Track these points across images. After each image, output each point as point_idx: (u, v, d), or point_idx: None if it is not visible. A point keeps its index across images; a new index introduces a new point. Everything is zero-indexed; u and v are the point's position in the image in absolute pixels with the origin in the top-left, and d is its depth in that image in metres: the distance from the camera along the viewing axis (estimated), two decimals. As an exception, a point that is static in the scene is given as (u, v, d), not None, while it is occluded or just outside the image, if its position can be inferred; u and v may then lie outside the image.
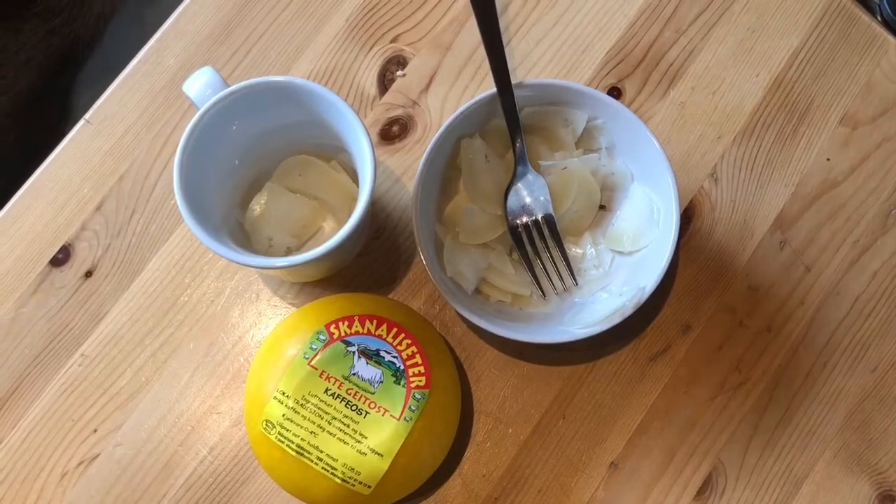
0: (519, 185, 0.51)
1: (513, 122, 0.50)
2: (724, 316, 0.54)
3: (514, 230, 0.51)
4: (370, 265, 0.54)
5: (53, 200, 0.55)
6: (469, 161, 0.51)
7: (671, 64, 0.58)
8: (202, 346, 0.53)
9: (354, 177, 0.53)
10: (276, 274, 0.53)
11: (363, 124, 0.45)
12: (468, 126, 0.51)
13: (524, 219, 0.51)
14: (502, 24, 0.58)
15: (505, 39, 0.57)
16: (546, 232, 0.51)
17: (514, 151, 0.50)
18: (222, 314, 0.54)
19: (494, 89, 0.50)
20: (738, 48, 0.58)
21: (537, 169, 0.51)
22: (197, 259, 0.54)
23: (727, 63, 0.58)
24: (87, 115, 0.56)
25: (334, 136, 0.48)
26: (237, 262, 0.43)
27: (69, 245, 0.55)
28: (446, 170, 0.52)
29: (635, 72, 0.58)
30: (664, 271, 0.47)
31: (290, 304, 0.54)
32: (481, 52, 0.58)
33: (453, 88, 0.57)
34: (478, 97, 0.49)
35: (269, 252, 0.52)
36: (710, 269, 0.55)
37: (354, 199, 0.52)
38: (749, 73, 0.58)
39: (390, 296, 0.54)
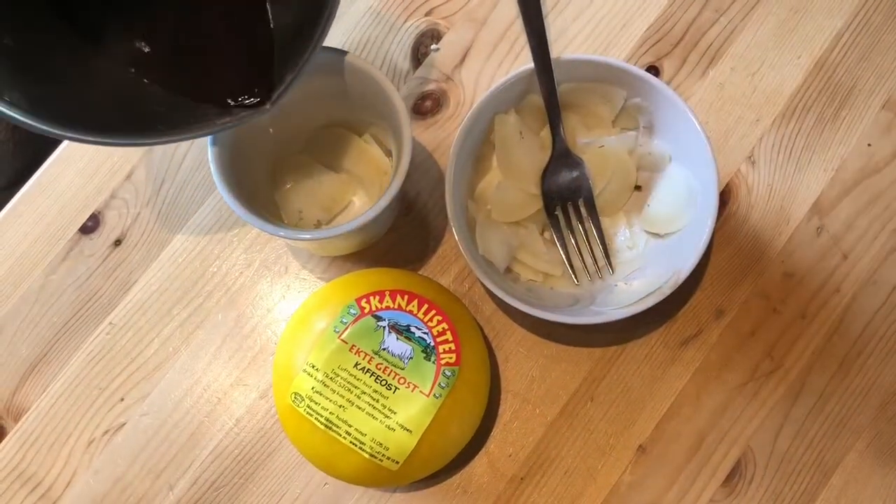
0: (557, 163, 0.50)
1: (551, 99, 0.49)
2: (758, 301, 0.53)
3: (550, 209, 0.51)
4: (400, 241, 0.54)
5: (83, 169, 0.55)
6: (503, 137, 0.50)
7: (710, 44, 0.57)
8: (230, 317, 0.53)
9: (387, 151, 0.52)
10: (305, 247, 0.53)
11: (401, 99, 0.44)
12: (503, 102, 0.50)
13: (561, 198, 0.50)
14: None
15: (546, 9, 0.56)
16: (583, 212, 0.50)
17: (552, 129, 0.50)
18: (251, 286, 0.53)
19: (531, 65, 0.49)
20: (779, 29, 0.57)
21: (573, 147, 0.51)
22: (227, 231, 0.54)
23: (768, 44, 0.56)
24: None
25: (370, 109, 0.48)
26: (268, 233, 0.43)
27: (99, 213, 0.55)
28: (480, 146, 0.51)
29: (674, 51, 0.56)
30: (701, 254, 0.46)
31: (318, 278, 0.54)
32: (517, 27, 0.57)
33: (488, 63, 0.56)
34: (514, 72, 0.49)
35: (298, 225, 0.51)
36: (745, 253, 0.54)
37: (386, 174, 0.52)
38: (790, 54, 0.56)
39: (420, 272, 0.53)
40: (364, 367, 0.44)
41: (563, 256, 0.50)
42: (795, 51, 0.56)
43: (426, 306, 0.46)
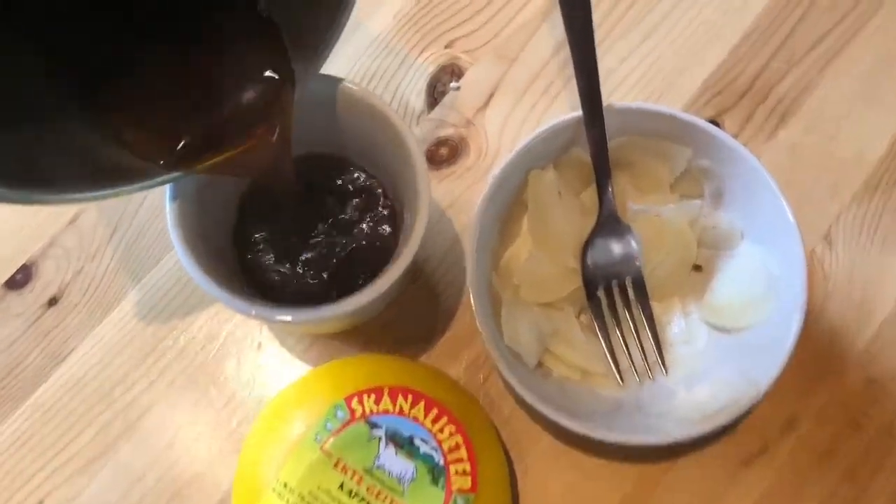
0: (602, 232, 0.41)
1: (600, 154, 0.40)
2: (836, 412, 0.43)
3: (590, 289, 0.41)
4: (402, 316, 0.44)
5: (16, 208, 0.45)
6: (538, 197, 0.41)
7: (781, 99, 0.48)
8: (187, 402, 0.42)
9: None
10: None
11: (418, 147, 0.34)
12: (540, 155, 0.41)
13: (605, 276, 0.41)
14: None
15: (600, 35, 0.47)
16: (631, 295, 0.41)
17: (599, 190, 0.40)
18: (214, 364, 0.43)
19: (575, 113, 0.40)
20: (862, 85, 0.48)
21: (622, 214, 0.41)
22: (188, 294, 0.44)
23: (849, 102, 0.48)
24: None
25: (370, 152, 0.38)
26: (238, 311, 0.33)
27: (32, 264, 0.44)
28: (508, 207, 0.41)
29: (738, 105, 0.47)
30: (787, 360, 0.36)
31: (298, 358, 0.43)
32: (554, 66, 0.48)
33: (517, 107, 0.47)
34: (558, 120, 0.39)
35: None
36: (821, 353, 0.44)
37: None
38: (875, 115, 0.47)
39: (425, 357, 0.43)
40: (352, 490, 0.34)
41: (606, 349, 0.40)
42: (881, 112, 0.47)
43: (435, 411, 0.36)
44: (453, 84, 0.47)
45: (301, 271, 0.39)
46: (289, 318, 0.33)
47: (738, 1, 0.49)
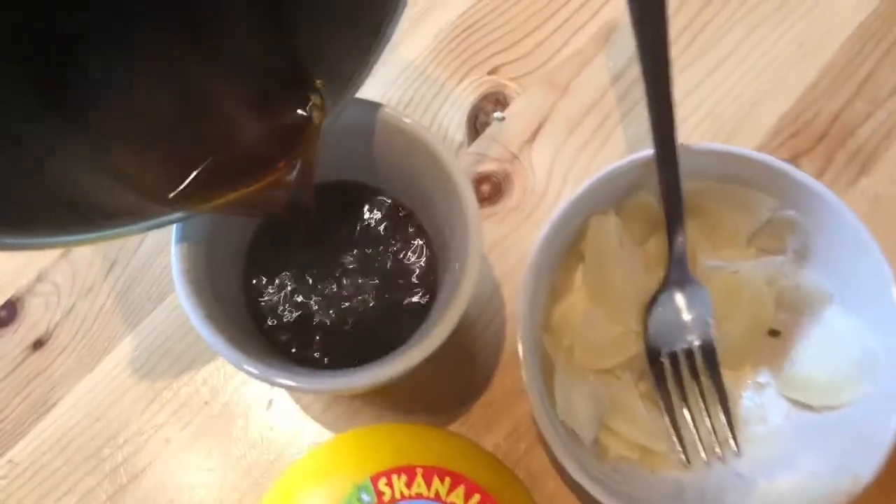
0: (671, 291, 0.35)
1: (673, 200, 0.35)
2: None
3: (653, 354, 0.36)
4: (432, 376, 0.38)
5: None
6: (598, 247, 0.36)
7: (863, 144, 0.42)
8: (186, 466, 0.37)
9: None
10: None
11: (470, 188, 0.29)
12: (602, 198, 0.35)
13: (670, 340, 0.36)
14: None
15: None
16: (699, 363, 0.36)
17: (670, 242, 0.35)
18: (219, 423, 0.38)
19: (644, 151, 0.35)
20: (955, 131, 0.43)
21: (693, 269, 0.36)
22: (192, 341, 0.39)
23: (939, 150, 0.42)
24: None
25: (410, 189, 0.34)
26: (257, 377, 0.28)
27: (17, 300, 0.39)
28: (563, 256, 0.36)
29: (815, 149, 0.42)
30: (889, 451, 0.31)
31: (314, 419, 0.38)
32: (610, 99, 0.43)
33: (568, 143, 0.42)
34: (627, 160, 0.34)
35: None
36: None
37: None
38: (970, 166, 0.42)
39: (459, 424, 0.38)
40: (377, 592, 0.29)
41: (669, 424, 0.35)
42: (976, 162, 0.42)
43: (478, 497, 0.30)
44: (497, 114, 0.42)
45: (319, 321, 0.34)
46: (318, 385, 0.28)
47: (817, 32, 0.44)
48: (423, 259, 0.35)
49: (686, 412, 0.36)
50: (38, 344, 0.39)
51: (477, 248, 0.29)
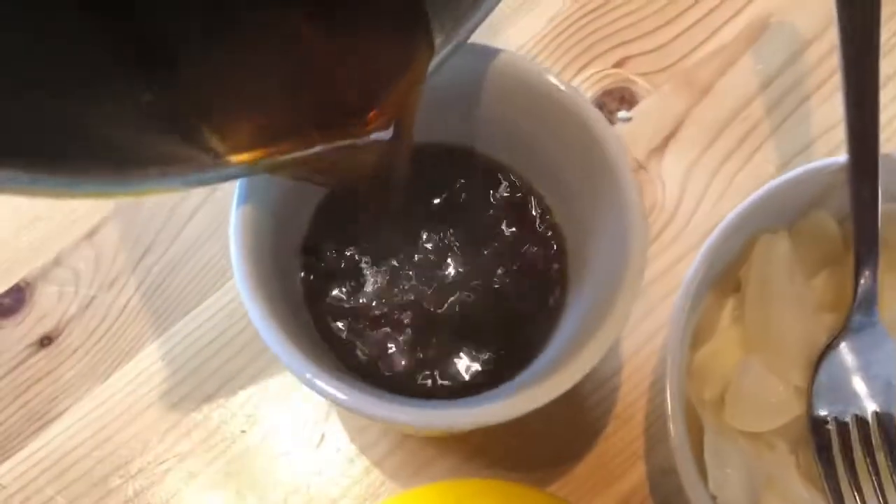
0: (849, 341, 0.27)
1: (867, 223, 0.27)
2: None
3: (818, 420, 0.28)
4: (525, 424, 0.30)
5: (18, 206, 0.33)
6: (764, 277, 0.28)
7: None
8: (208, 511, 0.29)
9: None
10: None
11: (638, 190, 0.22)
12: (770, 215, 0.28)
13: (841, 404, 0.28)
14: (810, 81, 0.35)
15: (805, 90, 0.35)
16: (874, 436, 0.27)
17: (857, 277, 0.27)
18: (256, 459, 0.30)
19: (831, 160, 0.27)
20: None
21: (882, 316, 0.28)
22: (232, 354, 0.31)
23: None
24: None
25: (539, 171, 0.26)
26: (333, 399, 0.20)
27: (27, 286, 0.32)
28: (713, 285, 0.28)
29: None
30: None
31: (376, 466, 0.30)
32: (759, 106, 0.35)
33: (707, 154, 0.35)
34: (811, 166, 0.27)
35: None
36: None
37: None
38: None
39: (557, 487, 0.30)
40: None
41: (835, 509, 0.27)
42: None
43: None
44: (622, 114, 0.35)
45: (403, 331, 0.26)
46: (420, 420, 0.20)
47: None
48: (550, 257, 0.27)
49: (856, 497, 0.27)
50: (46, 341, 0.31)
51: (639, 263, 0.21)
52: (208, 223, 0.33)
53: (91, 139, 0.19)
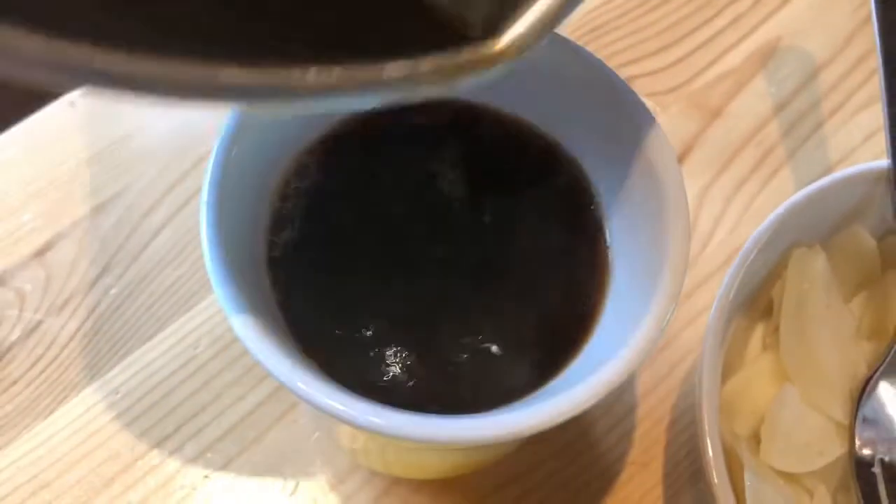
0: (892, 379, 0.25)
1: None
2: None
3: (862, 460, 0.24)
4: (531, 467, 0.27)
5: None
6: (800, 297, 0.25)
7: None
8: (160, 571, 0.25)
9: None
10: (362, 445, 0.26)
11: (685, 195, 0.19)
12: (803, 228, 0.25)
13: (888, 443, 0.24)
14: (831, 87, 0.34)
15: (821, 114, 0.33)
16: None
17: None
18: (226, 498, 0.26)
19: (869, 164, 0.25)
20: None
21: (927, 345, 0.25)
22: (198, 386, 0.27)
23: None
24: (71, 97, 0.32)
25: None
26: (327, 410, 0.16)
27: (-36, 308, 0.28)
28: (742, 308, 0.25)
29: None
30: None
31: (360, 515, 0.26)
32: (775, 129, 0.33)
33: (720, 179, 0.32)
34: (847, 172, 0.24)
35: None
36: None
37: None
38: None
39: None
40: None
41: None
42: None
43: None
44: (630, 135, 0.33)
45: (404, 325, 0.22)
46: (414, 431, 0.16)
47: None
48: (591, 254, 0.23)
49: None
50: (-17, 370, 0.27)
51: (677, 279, 0.18)
52: (174, 242, 0.30)
53: None
